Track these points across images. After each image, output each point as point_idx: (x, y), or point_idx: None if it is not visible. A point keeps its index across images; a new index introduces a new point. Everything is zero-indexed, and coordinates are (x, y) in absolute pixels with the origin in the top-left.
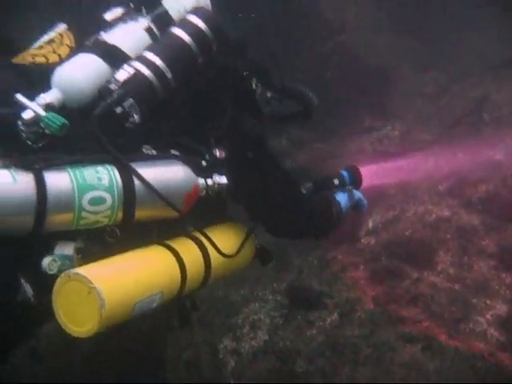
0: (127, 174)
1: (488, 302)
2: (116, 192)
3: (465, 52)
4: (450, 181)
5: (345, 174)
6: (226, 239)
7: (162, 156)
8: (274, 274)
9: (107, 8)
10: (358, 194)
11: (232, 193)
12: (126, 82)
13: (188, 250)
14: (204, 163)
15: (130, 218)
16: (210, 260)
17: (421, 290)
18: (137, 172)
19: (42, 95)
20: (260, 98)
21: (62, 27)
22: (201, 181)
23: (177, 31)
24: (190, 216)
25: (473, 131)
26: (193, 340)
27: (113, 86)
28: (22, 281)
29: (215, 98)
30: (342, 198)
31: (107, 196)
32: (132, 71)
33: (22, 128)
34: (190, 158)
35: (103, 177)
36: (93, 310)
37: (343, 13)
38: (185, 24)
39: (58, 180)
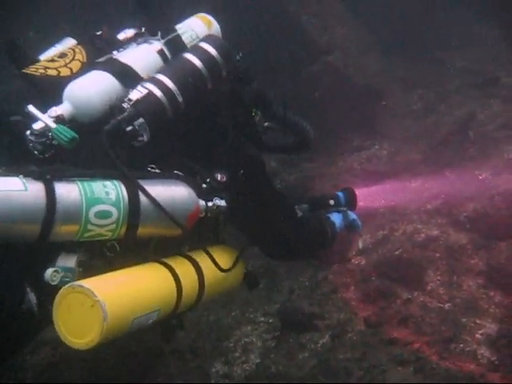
0: (134, 191)
1: (477, 321)
2: (122, 207)
3: (451, 71)
4: (438, 200)
5: (340, 195)
6: (219, 259)
7: (167, 175)
8: (265, 296)
9: (120, 28)
10: (352, 215)
11: (230, 216)
12: (139, 102)
13: (184, 269)
14: (204, 186)
15: (132, 233)
16: (204, 280)
17: (411, 310)
18: (144, 189)
19: (54, 108)
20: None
21: (71, 42)
22: (201, 202)
23: (189, 56)
24: (186, 236)
25: (460, 150)
26: (184, 366)
27: (125, 105)
28: (28, 289)
29: (218, 122)
30: (336, 218)
31: (113, 210)
32: (145, 92)
33: (30, 138)
34: (192, 179)
35: (110, 191)
36: (95, 322)
37: (331, 34)
38: (197, 50)
39: (68, 191)
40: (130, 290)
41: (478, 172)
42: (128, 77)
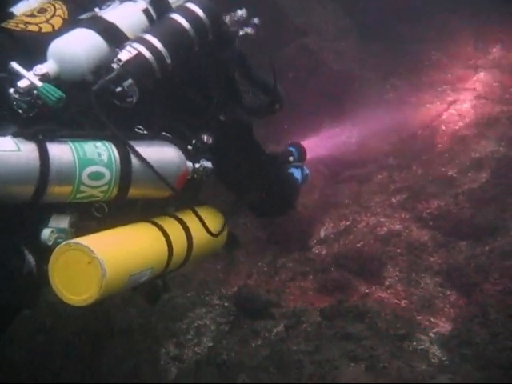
0: (125, 152)
1: (432, 319)
2: (114, 168)
3: (426, 62)
4: (403, 194)
5: (293, 150)
6: (206, 220)
7: (156, 136)
8: (222, 278)
9: None
10: (306, 170)
11: (218, 176)
12: (128, 63)
13: (174, 229)
14: (190, 147)
15: (123, 194)
16: (192, 239)
17: (368, 305)
18: (136, 151)
19: (39, 66)
20: None
21: None
22: (189, 164)
23: (177, 17)
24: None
25: (428, 144)
26: (134, 347)
27: (115, 65)
28: (26, 252)
29: (203, 84)
30: (297, 174)
31: (106, 171)
32: (134, 52)
33: (14, 96)
34: (178, 141)
35: (102, 152)
36: (93, 279)
37: (308, 17)
38: (184, 11)
39: (61, 152)
40: (126, 248)
41: (444, 169)
42: (114, 36)
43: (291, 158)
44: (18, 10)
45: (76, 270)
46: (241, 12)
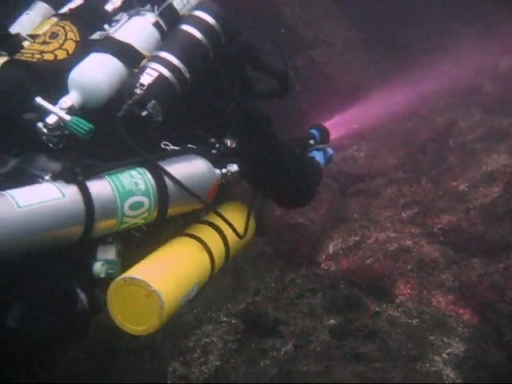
0: (160, 176)
1: (445, 339)
2: (152, 195)
3: (435, 75)
4: (412, 209)
5: (315, 132)
6: (233, 219)
7: (183, 151)
8: (229, 295)
9: None
10: (329, 151)
11: (246, 177)
12: (150, 86)
13: (211, 237)
14: (214, 152)
15: (162, 216)
16: (228, 242)
17: (379, 324)
18: (171, 174)
19: (64, 99)
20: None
21: (43, 6)
22: (217, 171)
23: (189, 28)
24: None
25: (438, 158)
26: (141, 365)
27: (138, 91)
28: (78, 291)
29: (216, 85)
30: (319, 157)
31: (145, 200)
32: (155, 74)
33: (43, 131)
34: (204, 149)
35: (139, 181)
36: (153, 310)
37: (315, 29)
38: (195, 20)
39: (101, 189)
40: (175, 271)
41: (454, 183)
42: (130, 56)
43: (312, 142)
44: (21, 26)
45: (134, 303)
46: None
